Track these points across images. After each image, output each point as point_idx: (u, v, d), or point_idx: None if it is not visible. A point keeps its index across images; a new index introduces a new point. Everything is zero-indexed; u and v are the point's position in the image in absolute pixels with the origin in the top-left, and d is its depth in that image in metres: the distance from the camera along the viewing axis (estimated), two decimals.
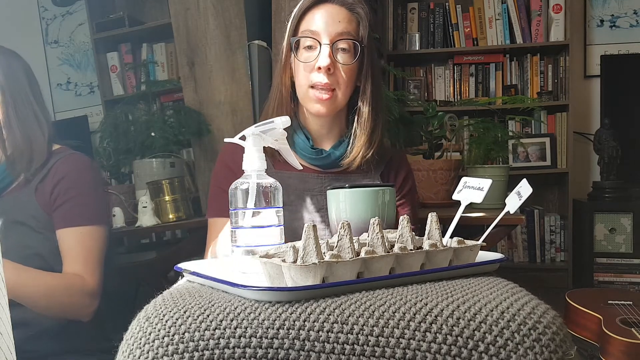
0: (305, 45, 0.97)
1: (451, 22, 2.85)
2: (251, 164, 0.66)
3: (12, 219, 1.11)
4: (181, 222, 1.76)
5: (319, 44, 0.95)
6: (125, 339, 0.50)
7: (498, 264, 0.64)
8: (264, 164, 0.66)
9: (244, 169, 0.66)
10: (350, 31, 0.96)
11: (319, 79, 0.95)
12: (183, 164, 2.06)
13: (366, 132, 1.01)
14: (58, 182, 1.12)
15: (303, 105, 1.02)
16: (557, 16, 2.67)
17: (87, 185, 1.16)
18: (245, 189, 0.64)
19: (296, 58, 0.98)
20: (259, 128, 0.67)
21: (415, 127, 1.86)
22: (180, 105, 2.16)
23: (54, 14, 3.20)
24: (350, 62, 0.97)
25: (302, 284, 0.51)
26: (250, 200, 0.63)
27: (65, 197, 1.12)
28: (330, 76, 0.95)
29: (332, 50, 0.95)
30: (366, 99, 1.01)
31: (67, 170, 1.14)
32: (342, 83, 0.97)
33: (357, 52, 0.97)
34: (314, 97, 0.97)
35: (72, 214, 1.12)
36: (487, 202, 0.95)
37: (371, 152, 1.01)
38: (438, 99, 2.92)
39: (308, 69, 0.96)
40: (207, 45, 1.89)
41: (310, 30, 0.96)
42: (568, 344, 0.47)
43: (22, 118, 1.14)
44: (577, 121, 2.74)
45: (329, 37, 0.95)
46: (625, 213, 2.41)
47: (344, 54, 0.96)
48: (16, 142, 1.13)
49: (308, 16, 0.97)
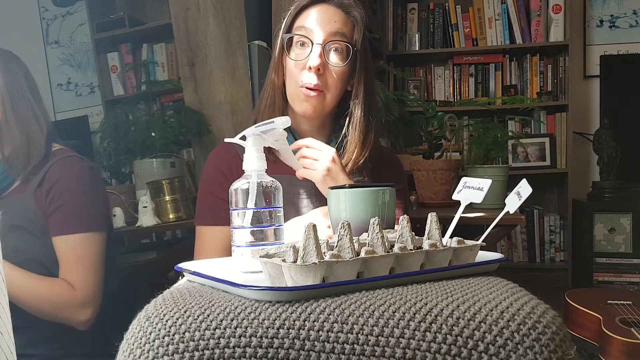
0: (298, 42, 0.96)
1: (451, 22, 2.85)
2: (252, 164, 0.66)
3: (10, 223, 1.10)
4: (181, 222, 1.76)
5: (312, 43, 0.94)
6: (126, 339, 0.50)
7: (498, 264, 0.64)
8: (264, 164, 0.67)
9: (244, 168, 0.66)
10: (345, 33, 0.95)
11: (308, 79, 0.93)
12: (183, 164, 2.07)
13: (358, 137, 0.98)
14: (52, 185, 1.10)
15: (292, 106, 1.00)
16: (557, 16, 2.67)
17: (82, 189, 1.13)
18: (246, 189, 0.64)
19: (287, 56, 0.96)
20: (259, 128, 0.67)
21: (415, 127, 1.87)
22: (180, 106, 2.16)
23: (54, 14, 3.20)
24: (342, 65, 0.95)
25: (302, 283, 0.51)
26: (250, 200, 0.63)
27: (59, 202, 1.10)
28: (320, 77, 0.94)
29: (323, 50, 0.93)
30: (358, 104, 0.99)
31: (62, 173, 1.12)
32: (332, 85, 0.95)
33: (349, 54, 0.95)
34: (302, 96, 0.95)
35: (65, 221, 1.09)
36: (487, 202, 0.95)
37: (364, 158, 0.99)
38: (438, 99, 2.92)
39: (298, 67, 0.95)
40: (207, 46, 1.89)
41: (304, 27, 0.94)
42: (568, 343, 0.47)
43: (20, 118, 1.12)
44: (576, 121, 2.74)
45: (322, 37, 0.93)
46: (625, 213, 2.41)
47: (335, 56, 0.95)
48: (15, 142, 1.12)
49: (303, 14, 0.96)
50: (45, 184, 1.11)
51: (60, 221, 1.10)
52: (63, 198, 1.10)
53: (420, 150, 1.90)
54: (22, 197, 1.11)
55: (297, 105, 0.97)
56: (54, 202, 1.10)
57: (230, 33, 1.85)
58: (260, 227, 0.64)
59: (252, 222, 0.63)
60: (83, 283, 1.08)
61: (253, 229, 0.64)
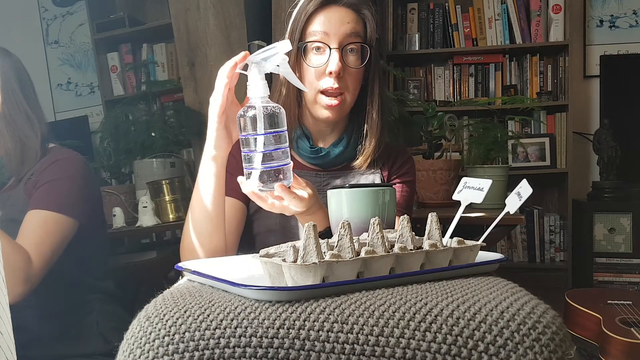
0: (313, 48, 0.95)
1: (451, 22, 2.85)
2: (256, 90, 0.69)
3: (7, 217, 1.10)
4: (181, 222, 1.74)
5: (328, 47, 0.94)
6: (126, 339, 0.50)
7: (498, 264, 0.64)
8: (267, 90, 0.70)
9: (248, 96, 0.70)
10: (359, 32, 0.95)
11: (329, 84, 0.94)
12: (183, 164, 2.07)
13: (376, 133, 1.01)
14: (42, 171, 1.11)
15: (310, 110, 1.00)
16: (557, 16, 2.67)
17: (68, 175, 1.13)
18: (253, 115, 0.68)
19: (305, 63, 0.96)
20: (260, 55, 0.69)
21: (415, 127, 1.86)
22: (180, 106, 2.16)
23: (54, 15, 3.20)
24: (359, 66, 0.96)
25: (302, 283, 0.51)
26: (259, 125, 0.68)
27: (42, 181, 1.10)
28: (340, 80, 0.94)
29: (341, 54, 0.94)
30: (375, 101, 1.00)
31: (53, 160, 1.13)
32: (351, 86, 0.97)
33: (365, 54, 0.96)
34: (323, 103, 0.96)
35: (43, 197, 1.09)
36: (487, 202, 0.95)
37: (378, 152, 1.02)
38: (438, 99, 2.92)
39: (317, 74, 0.95)
40: (207, 46, 1.90)
41: (318, 32, 0.94)
42: (567, 343, 0.47)
43: (11, 120, 1.11)
44: (576, 121, 2.74)
45: (337, 40, 0.93)
46: (625, 213, 2.41)
47: (352, 57, 0.95)
48: (7, 147, 1.11)
49: (314, 19, 0.95)
50: (35, 175, 1.12)
51: (40, 197, 1.09)
52: (47, 177, 1.10)
53: (420, 150, 1.90)
54: (17, 191, 1.13)
55: (318, 111, 0.98)
56: (38, 182, 1.10)
57: (230, 33, 1.85)
58: (268, 151, 0.69)
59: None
60: (41, 257, 1.04)
61: (263, 152, 0.69)
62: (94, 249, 1.23)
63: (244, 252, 0.99)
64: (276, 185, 0.72)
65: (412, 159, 1.14)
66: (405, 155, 1.11)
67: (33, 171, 1.12)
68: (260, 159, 0.69)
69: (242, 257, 0.76)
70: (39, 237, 1.05)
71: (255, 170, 0.70)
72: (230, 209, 0.97)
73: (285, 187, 0.74)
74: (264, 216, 1.00)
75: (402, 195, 1.06)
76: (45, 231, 1.06)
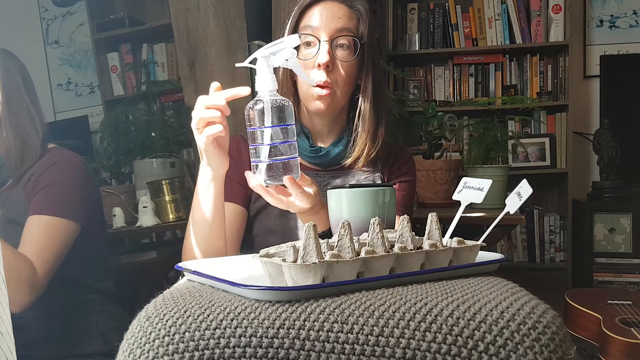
0: (305, 41, 0.96)
1: (451, 22, 2.85)
2: (265, 84, 0.70)
3: (6, 218, 1.10)
4: (181, 222, 1.76)
5: (318, 41, 0.94)
6: (126, 339, 0.50)
7: (498, 264, 0.64)
8: (276, 84, 0.71)
9: (256, 89, 0.70)
10: (350, 27, 0.95)
11: (318, 76, 0.94)
12: (183, 164, 2.07)
13: (368, 130, 1.00)
14: (41, 174, 1.10)
15: (304, 104, 1.01)
16: (557, 16, 2.67)
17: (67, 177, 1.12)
18: (261, 108, 0.69)
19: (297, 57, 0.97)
20: (268, 50, 0.70)
21: (415, 127, 1.86)
22: (180, 106, 2.16)
23: (54, 15, 3.20)
24: (350, 59, 0.96)
25: (302, 283, 0.51)
26: (267, 118, 0.68)
27: (42, 185, 1.09)
28: (330, 73, 0.94)
29: (331, 47, 0.94)
30: (367, 97, 1.00)
31: (51, 162, 1.13)
32: (341, 81, 0.96)
33: (356, 49, 0.96)
34: (314, 94, 0.96)
35: (43, 201, 1.08)
36: (487, 202, 0.95)
37: (375, 151, 1.00)
38: (438, 99, 2.92)
39: (308, 67, 0.95)
40: (207, 46, 1.89)
41: (310, 27, 0.95)
42: (567, 343, 0.47)
43: (15, 118, 1.12)
44: (576, 121, 2.74)
45: (328, 34, 0.94)
46: (625, 213, 2.41)
47: (343, 51, 0.95)
48: (8, 144, 1.11)
49: (307, 13, 0.97)
50: (34, 176, 1.11)
51: (39, 201, 1.08)
52: (46, 181, 1.10)
53: (420, 151, 1.90)
54: (16, 192, 1.12)
55: (310, 104, 0.98)
56: (37, 186, 1.10)
57: (231, 33, 1.85)
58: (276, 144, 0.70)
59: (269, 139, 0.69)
60: (44, 264, 1.04)
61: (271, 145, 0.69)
62: (94, 249, 1.23)
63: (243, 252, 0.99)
64: (285, 177, 0.72)
65: (412, 158, 1.14)
66: (405, 155, 1.11)
67: (32, 172, 1.12)
68: (267, 152, 0.69)
69: (242, 257, 0.76)
70: (41, 244, 1.05)
71: (262, 163, 0.70)
72: (230, 214, 0.97)
73: (294, 180, 0.74)
74: (264, 217, 1.00)
75: (402, 195, 1.06)
76: (47, 237, 1.06)
